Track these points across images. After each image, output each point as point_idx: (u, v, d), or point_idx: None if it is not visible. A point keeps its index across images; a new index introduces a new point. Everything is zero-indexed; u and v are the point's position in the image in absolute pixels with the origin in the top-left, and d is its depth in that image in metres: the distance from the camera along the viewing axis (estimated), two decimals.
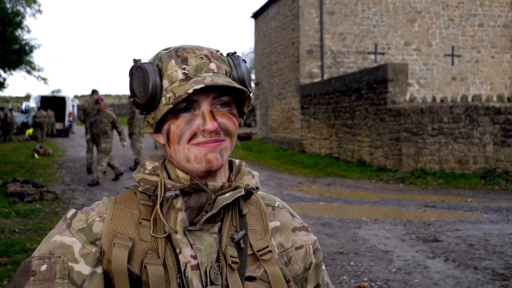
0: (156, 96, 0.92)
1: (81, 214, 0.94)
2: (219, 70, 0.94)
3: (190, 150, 0.92)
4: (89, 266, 0.88)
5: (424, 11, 17.33)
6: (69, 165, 13.33)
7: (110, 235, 0.90)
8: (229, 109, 0.95)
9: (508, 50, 18.14)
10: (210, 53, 0.96)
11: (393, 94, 11.44)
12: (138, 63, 0.95)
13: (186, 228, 0.91)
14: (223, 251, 0.93)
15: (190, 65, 0.93)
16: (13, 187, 8.31)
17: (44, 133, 22.13)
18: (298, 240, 1.04)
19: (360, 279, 4.49)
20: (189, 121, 0.92)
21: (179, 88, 0.90)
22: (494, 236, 5.93)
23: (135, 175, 0.98)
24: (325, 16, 16.44)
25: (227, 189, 0.94)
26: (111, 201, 0.97)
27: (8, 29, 13.71)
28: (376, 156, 12.12)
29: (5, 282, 4.16)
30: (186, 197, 0.93)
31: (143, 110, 0.96)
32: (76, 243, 0.89)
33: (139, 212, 0.95)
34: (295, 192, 9.40)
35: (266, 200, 1.08)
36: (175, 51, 0.95)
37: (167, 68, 0.93)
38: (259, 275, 0.95)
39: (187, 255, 0.89)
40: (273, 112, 19.58)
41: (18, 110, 29.74)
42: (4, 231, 5.82)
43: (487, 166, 10.62)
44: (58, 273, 0.86)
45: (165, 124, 0.94)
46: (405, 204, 8.19)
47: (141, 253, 0.90)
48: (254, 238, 0.98)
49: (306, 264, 1.03)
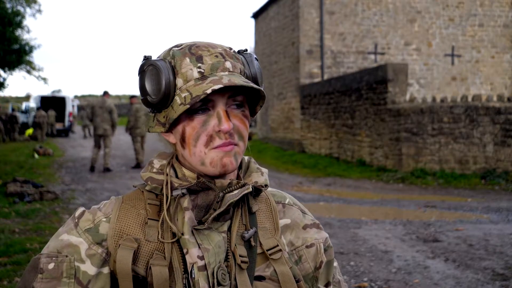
0: (169, 94, 0.90)
1: (89, 214, 0.94)
2: (235, 69, 0.93)
3: (207, 154, 0.90)
4: (95, 266, 0.88)
5: (424, 11, 17.33)
6: (69, 165, 13.33)
7: (116, 236, 0.90)
8: (243, 110, 0.94)
9: (508, 50, 18.14)
10: (224, 51, 0.94)
11: (393, 94, 11.44)
12: (150, 60, 0.92)
13: (194, 227, 0.90)
14: (232, 250, 0.92)
15: (205, 63, 0.90)
16: (13, 187, 8.31)
17: (44, 133, 22.15)
18: (309, 238, 1.03)
19: (360, 279, 4.49)
20: (204, 122, 0.90)
21: (196, 87, 0.88)
22: (494, 236, 5.93)
23: (142, 174, 0.96)
24: (325, 16, 16.44)
25: (235, 186, 0.93)
26: (118, 201, 0.96)
27: (8, 29, 13.70)
28: (376, 156, 12.12)
29: (5, 282, 4.16)
30: (194, 196, 0.92)
31: (154, 109, 0.94)
32: (82, 243, 0.89)
33: (145, 211, 0.94)
34: (295, 192, 9.40)
35: (276, 197, 1.07)
36: (189, 48, 0.92)
37: (181, 66, 0.91)
38: (268, 275, 0.94)
39: (194, 256, 0.88)
40: (273, 112, 19.58)
41: (18, 110, 29.74)
42: (4, 231, 5.82)
43: (487, 166, 10.62)
44: (64, 272, 0.86)
45: (179, 125, 0.92)
46: (405, 204, 8.19)
47: (147, 253, 0.90)
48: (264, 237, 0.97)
49: (317, 263, 1.02)
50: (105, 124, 11.46)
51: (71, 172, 11.80)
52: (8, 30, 13.73)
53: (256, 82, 0.97)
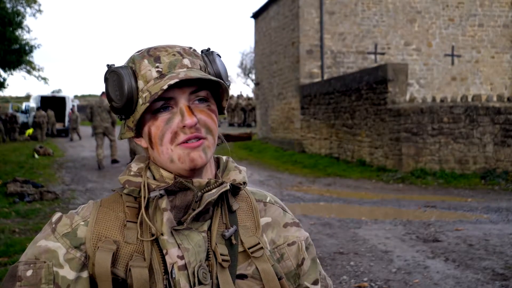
0: (132, 98, 0.91)
1: (66, 218, 0.93)
2: (193, 65, 0.93)
3: (173, 151, 0.91)
4: (74, 271, 0.87)
5: (424, 11, 17.33)
6: (69, 165, 13.33)
7: (94, 239, 0.90)
8: (208, 104, 0.94)
9: (508, 50, 18.14)
10: (182, 49, 0.95)
11: (393, 94, 11.44)
12: (111, 68, 0.94)
13: (173, 227, 0.89)
14: (213, 249, 0.92)
15: (163, 62, 0.92)
16: (13, 187, 8.32)
17: (44, 133, 22.15)
18: (290, 236, 1.03)
19: (360, 279, 4.49)
20: (168, 120, 0.90)
21: (154, 86, 0.89)
22: (494, 236, 5.93)
23: (120, 177, 0.97)
24: (325, 16, 16.44)
25: (213, 185, 0.93)
26: (96, 204, 0.96)
27: (8, 29, 13.72)
28: (376, 156, 12.12)
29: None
30: (172, 197, 0.92)
31: (122, 115, 0.95)
32: (60, 248, 0.88)
33: (124, 214, 0.94)
34: (295, 192, 9.40)
35: (257, 195, 1.07)
36: (147, 51, 0.95)
37: (140, 69, 0.92)
38: (250, 273, 0.94)
39: (173, 256, 0.88)
40: (273, 112, 19.58)
41: (18, 110, 29.76)
42: (4, 231, 5.82)
43: (487, 166, 10.62)
44: (43, 278, 0.86)
45: (145, 127, 0.93)
46: (405, 204, 8.19)
47: (126, 255, 0.89)
48: (245, 235, 0.97)
49: (299, 260, 1.02)
50: (105, 122, 11.95)
51: (71, 172, 11.80)
52: (8, 30, 13.74)
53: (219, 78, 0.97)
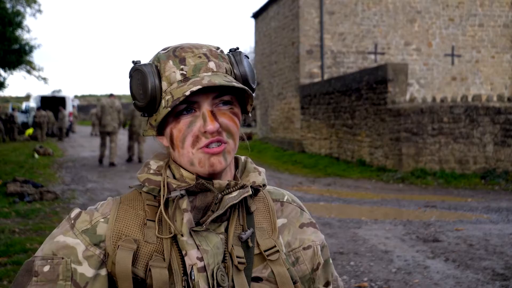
0: (156, 98, 0.91)
1: (85, 214, 0.92)
2: (219, 68, 0.92)
3: (194, 154, 0.90)
4: (93, 268, 0.87)
5: (424, 11, 17.33)
6: (69, 165, 13.33)
7: (115, 237, 0.89)
8: (231, 107, 0.93)
9: (508, 50, 18.14)
10: (209, 51, 0.93)
11: (393, 94, 11.44)
12: (136, 65, 0.93)
13: (192, 229, 0.89)
14: (229, 251, 0.91)
15: (188, 65, 0.91)
16: (13, 187, 8.31)
17: (44, 133, 22.15)
18: (306, 240, 1.02)
19: (360, 279, 4.49)
20: (190, 123, 0.90)
21: (177, 90, 0.88)
22: (494, 236, 5.93)
23: (139, 175, 0.96)
24: (325, 16, 16.44)
25: (233, 187, 0.92)
26: (115, 201, 0.95)
27: (8, 29, 13.72)
28: (376, 156, 12.12)
29: (5, 282, 4.16)
30: (192, 197, 0.91)
31: (145, 113, 0.94)
32: (79, 245, 0.88)
33: (144, 213, 0.93)
34: (295, 192, 9.39)
35: (274, 195, 1.06)
36: (173, 51, 0.93)
37: (165, 69, 0.91)
38: (266, 276, 0.93)
39: (193, 257, 0.87)
40: (273, 112, 19.58)
41: (18, 110, 29.78)
42: (4, 231, 5.81)
43: (487, 166, 10.62)
44: (61, 274, 0.85)
45: (167, 128, 0.93)
46: (405, 204, 8.19)
47: (146, 255, 0.88)
48: (261, 237, 0.96)
49: (314, 264, 1.01)
50: (114, 122, 12.79)
51: (71, 172, 11.80)
52: (8, 30, 13.75)
53: (245, 81, 0.96)
